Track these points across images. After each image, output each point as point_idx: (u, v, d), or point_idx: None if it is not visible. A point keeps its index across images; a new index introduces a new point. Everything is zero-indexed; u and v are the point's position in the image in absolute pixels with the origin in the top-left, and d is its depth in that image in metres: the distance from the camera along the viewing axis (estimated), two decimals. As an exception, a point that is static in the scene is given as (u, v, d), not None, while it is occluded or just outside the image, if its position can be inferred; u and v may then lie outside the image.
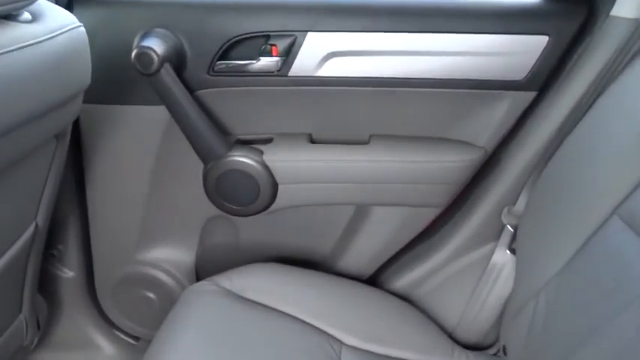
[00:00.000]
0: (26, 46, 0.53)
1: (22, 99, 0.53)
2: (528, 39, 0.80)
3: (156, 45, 0.77)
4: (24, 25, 0.54)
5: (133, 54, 0.77)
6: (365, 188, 0.89)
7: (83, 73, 0.65)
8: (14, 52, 0.51)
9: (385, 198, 0.91)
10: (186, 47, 0.82)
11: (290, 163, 0.88)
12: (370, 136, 0.91)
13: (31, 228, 0.76)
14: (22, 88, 0.53)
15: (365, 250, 0.98)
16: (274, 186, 0.88)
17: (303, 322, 0.78)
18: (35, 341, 0.92)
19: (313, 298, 0.83)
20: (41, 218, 0.78)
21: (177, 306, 0.79)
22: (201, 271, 1.02)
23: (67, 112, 0.66)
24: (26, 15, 0.56)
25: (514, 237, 0.85)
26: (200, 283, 0.82)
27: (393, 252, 0.98)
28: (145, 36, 0.79)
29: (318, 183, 0.89)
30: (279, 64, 0.83)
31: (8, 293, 0.79)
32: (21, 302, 0.84)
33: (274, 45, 0.83)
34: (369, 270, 0.99)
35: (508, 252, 0.85)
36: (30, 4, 0.56)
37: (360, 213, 0.95)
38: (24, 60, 0.52)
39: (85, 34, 0.65)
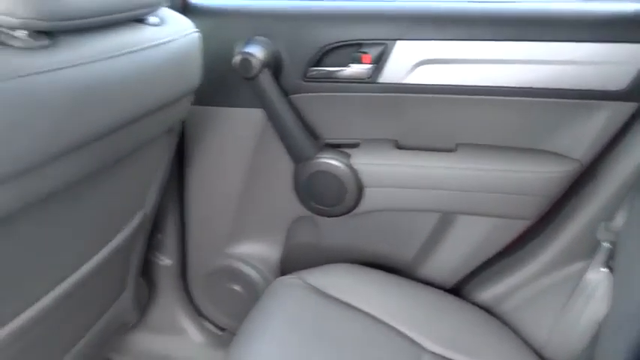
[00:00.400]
0: (154, 45, 0.60)
1: (149, 92, 0.60)
2: (630, 47, 0.76)
3: (256, 51, 0.83)
4: (152, 27, 0.62)
5: (236, 59, 0.83)
6: (451, 196, 0.89)
7: (195, 73, 0.72)
8: (144, 50, 0.59)
9: (471, 207, 0.90)
10: (284, 54, 0.88)
11: (376, 167, 0.90)
12: (457, 144, 0.91)
13: (140, 215, 0.84)
14: (148, 81, 0.60)
15: (448, 260, 0.96)
16: (360, 189, 0.91)
17: (385, 323, 0.79)
18: (135, 319, 1.00)
19: (395, 302, 0.84)
20: (148, 207, 0.86)
21: (264, 297, 0.82)
22: (285, 269, 1.06)
23: (180, 108, 0.73)
24: (154, 19, 0.64)
25: (611, 254, 0.80)
26: (286, 277, 0.86)
27: (477, 263, 0.96)
28: (246, 43, 0.86)
29: (404, 188, 0.90)
30: (370, 71, 0.86)
31: (116, 272, 0.87)
32: (125, 282, 0.93)
33: (365, 53, 0.86)
34: (451, 280, 0.98)
35: (604, 269, 0.80)
36: (156, 10, 0.63)
37: (445, 221, 0.94)
38: (151, 57, 0.60)
39: (200, 39, 0.73)
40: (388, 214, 0.95)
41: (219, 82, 0.91)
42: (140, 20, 0.62)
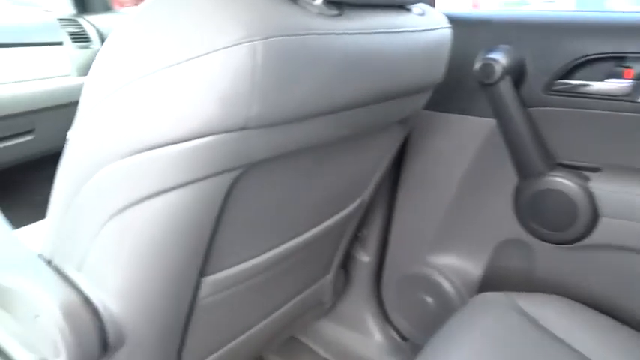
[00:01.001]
0: (416, 30, 0.64)
1: (403, 72, 0.63)
2: None
3: (499, 57, 0.82)
4: (416, 16, 0.66)
5: (478, 64, 0.83)
6: None
7: (442, 66, 0.73)
8: (408, 33, 0.62)
9: None
10: (528, 64, 0.84)
11: (621, 195, 0.79)
12: None
13: (358, 201, 0.88)
14: (405, 62, 0.63)
15: None
16: (595, 217, 0.81)
17: None
18: (330, 303, 1.05)
19: (615, 352, 0.71)
20: (366, 195, 0.89)
21: (464, 309, 0.78)
22: (485, 289, 0.99)
23: (420, 99, 0.76)
24: (418, 9, 0.68)
25: None
26: (493, 293, 0.80)
27: None
28: (489, 50, 0.85)
29: None
30: (630, 88, 0.77)
31: (325, 251, 0.92)
32: (330, 266, 0.98)
33: (629, 67, 0.77)
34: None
35: None
36: (419, 1, 0.67)
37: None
38: (412, 40, 0.63)
39: (452, 35, 0.74)
40: (623, 252, 0.82)
41: (452, 88, 0.92)
42: (406, 9, 0.66)
